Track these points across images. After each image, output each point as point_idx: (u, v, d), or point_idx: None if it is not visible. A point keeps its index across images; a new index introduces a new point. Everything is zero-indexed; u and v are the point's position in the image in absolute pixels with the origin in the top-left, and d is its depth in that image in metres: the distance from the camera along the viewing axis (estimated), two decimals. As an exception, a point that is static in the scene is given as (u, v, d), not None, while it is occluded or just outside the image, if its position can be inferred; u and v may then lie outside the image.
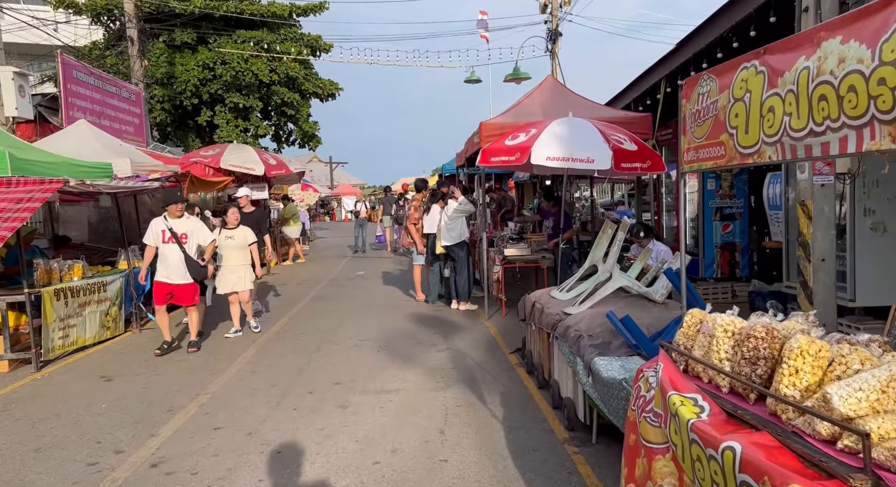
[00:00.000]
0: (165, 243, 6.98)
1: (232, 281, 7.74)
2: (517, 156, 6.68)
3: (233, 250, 7.72)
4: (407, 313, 8.95)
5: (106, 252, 10.28)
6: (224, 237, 7.71)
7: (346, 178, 57.70)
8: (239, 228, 7.81)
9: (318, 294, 11.07)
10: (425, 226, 9.60)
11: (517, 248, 8.51)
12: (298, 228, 16.81)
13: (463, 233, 9.01)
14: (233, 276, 7.74)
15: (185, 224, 7.09)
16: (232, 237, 7.74)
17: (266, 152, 13.18)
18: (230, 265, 7.72)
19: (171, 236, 6.97)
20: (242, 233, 7.79)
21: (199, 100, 21.37)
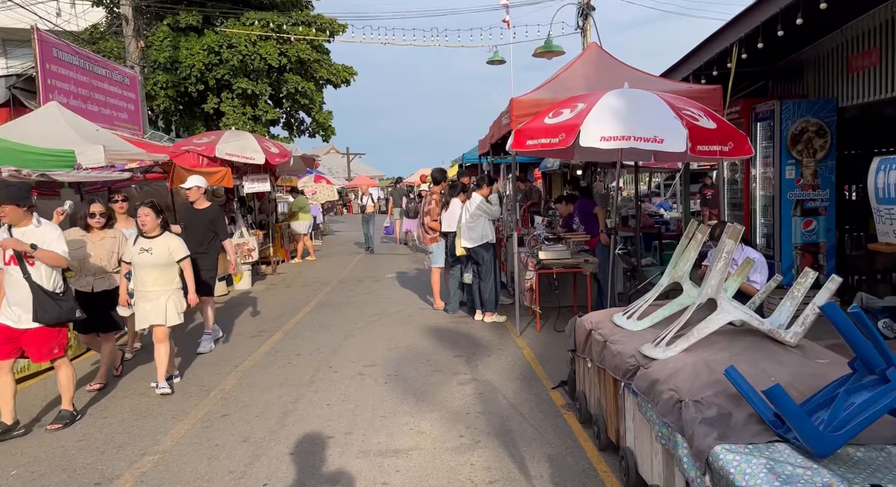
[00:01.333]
0: (7, 264, 4.49)
1: (145, 312, 5.32)
2: (560, 138, 5.24)
3: (149, 269, 5.29)
4: (423, 326, 7.58)
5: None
6: (138, 250, 5.33)
7: (364, 170, 56.48)
8: (161, 237, 5.38)
9: (323, 300, 9.74)
10: (443, 224, 8.21)
11: (554, 251, 7.08)
12: (308, 223, 15.50)
13: (487, 232, 7.60)
14: (146, 305, 5.30)
15: (35, 234, 4.45)
16: (149, 250, 5.30)
17: (267, 139, 11.89)
18: (144, 290, 5.31)
19: (12, 254, 4.45)
20: (165, 245, 5.35)
21: (206, 87, 20.18)
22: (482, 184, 7.70)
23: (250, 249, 11.30)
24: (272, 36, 19.79)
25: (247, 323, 8.17)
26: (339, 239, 22.81)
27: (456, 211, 8.03)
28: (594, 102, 5.26)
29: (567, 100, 5.75)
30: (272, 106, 22.29)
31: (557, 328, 7.05)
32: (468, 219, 7.60)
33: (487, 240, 7.60)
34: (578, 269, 7.11)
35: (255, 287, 11.48)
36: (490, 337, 6.98)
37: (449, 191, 8.18)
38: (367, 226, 16.89)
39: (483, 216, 7.51)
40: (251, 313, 8.82)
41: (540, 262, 6.97)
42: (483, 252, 7.60)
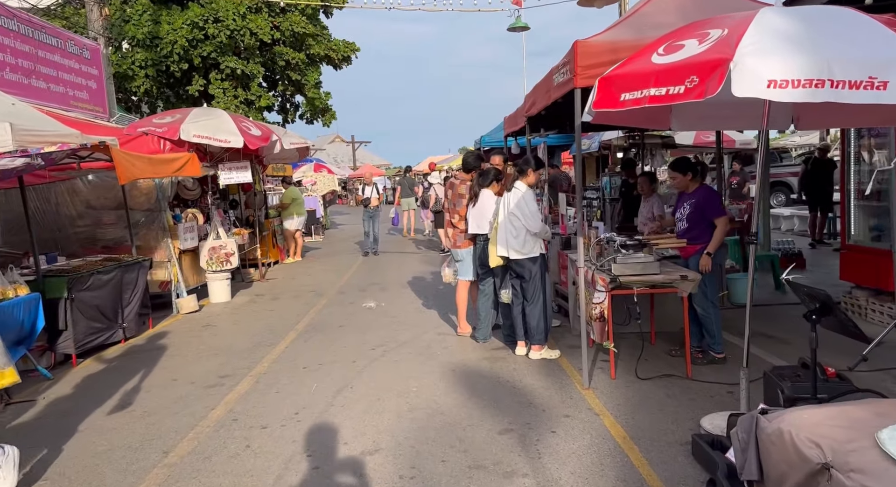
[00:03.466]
0: None
1: None
2: (690, 84, 3.08)
3: None
4: (447, 367, 5.48)
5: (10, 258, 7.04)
6: None
7: (370, 159, 54.34)
8: None
9: (314, 320, 7.65)
10: (470, 223, 6.10)
11: (635, 263, 4.93)
12: (300, 218, 13.41)
13: (533, 239, 5.49)
14: None
15: None
16: None
17: (245, 118, 9.78)
18: None
19: None
20: None
21: (190, 66, 18.05)
22: (527, 169, 5.55)
23: (228, 254, 9.23)
24: (262, 7, 17.62)
25: (207, 360, 6.10)
26: (341, 233, 20.72)
27: (488, 206, 5.91)
28: (745, 24, 3.09)
29: (686, 29, 3.57)
30: (266, 89, 20.16)
31: (641, 374, 4.94)
32: (508, 218, 5.47)
33: (536, 249, 5.47)
34: (672, 289, 4.97)
35: (236, 298, 9.42)
36: (545, 388, 4.87)
37: (478, 179, 6.04)
38: (371, 222, 13.95)
39: (535, 215, 5.38)
40: (218, 342, 6.75)
41: (615, 280, 4.84)
42: (530, 264, 5.48)
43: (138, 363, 6.05)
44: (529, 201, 5.41)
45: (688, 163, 5.49)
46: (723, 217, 5.22)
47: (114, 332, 6.72)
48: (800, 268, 9.14)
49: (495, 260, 5.64)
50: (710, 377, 4.87)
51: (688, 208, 5.32)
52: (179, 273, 8.59)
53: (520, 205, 5.41)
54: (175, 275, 8.59)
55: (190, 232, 8.98)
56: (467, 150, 6.99)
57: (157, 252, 8.58)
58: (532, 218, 5.37)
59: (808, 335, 3.10)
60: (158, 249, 8.58)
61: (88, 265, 6.81)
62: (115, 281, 6.79)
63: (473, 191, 6.02)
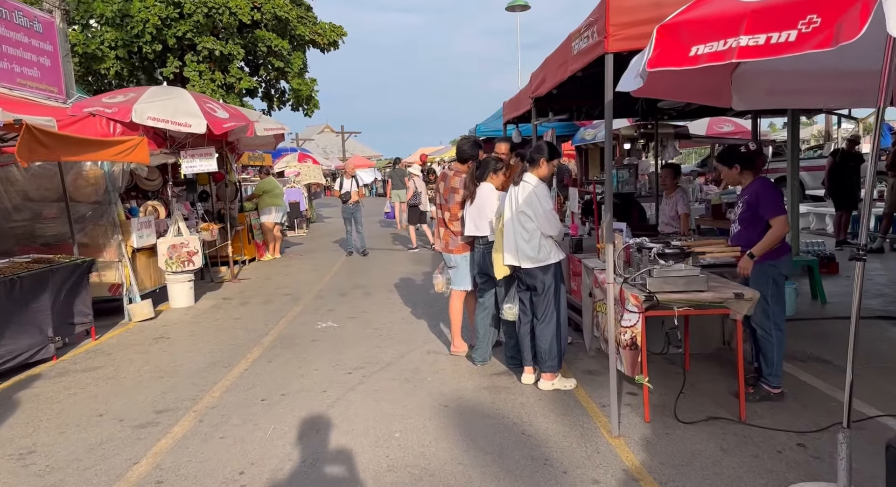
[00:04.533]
0: None
1: None
2: (810, 26, 2.05)
3: None
4: (438, 400, 4.46)
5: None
6: None
7: (360, 150, 53.10)
8: None
9: (284, 332, 6.60)
10: (468, 223, 5.06)
11: (676, 278, 3.90)
12: (278, 212, 12.32)
13: (549, 242, 4.45)
14: None
15: None
16: None
17: (212, 100, 8.67)
18: None
19: None
20: None
21: (164, 47, 16.84)
22: (539, 159, 4.51)
23: (191, 253, 8.14)
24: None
25: (148, 385, 5.03)
26: (327, 227, 19.62)
27: (489, 203, 4.88)
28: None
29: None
30: (247, 73, 18.96)
31: (682, 416, 3.94)
32: (517, 217, 4.44)
33: (552, 256, 4.44)
34: (723, 310, 3.96)
35: (200, 302, 8.36)
36: (563, 434, 3.85)
37: (477, 170, 5.00)
38: (352, 221, 12.05)
39: (548, 214, 4.35)
40: (167, 361, 5.69)
41: (651, 298, 3.82)
42: (543, 274, 4.45)
43: (62, 389, 4.98)
44: (543, 197, 4.37)
45: (735, 154, 4.46)
46: (780, 217, 4.19)
47: (41, 349, 5.64)
48: (832, 273, 8.19)
49: (502, 271, 4.60)
50: (768, 421, 3.87)
51: (741, 206, 4.30)
52: (132, 274, 7.51)
53: (531, 202, 4.38)
54: (127, 277, 7.50)
55: (146, 227, 7.88)
56: (463, 137, 5.84)
57: (106, 250, 7.49)
58: (547, 218, 4.34)
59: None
60: (108, 247, 7.48)
61: (12, 267, 5.72)
62: (44, 287, 5.71)
63: (470, 185, 4.97)
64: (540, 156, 4.51)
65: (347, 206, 12.15)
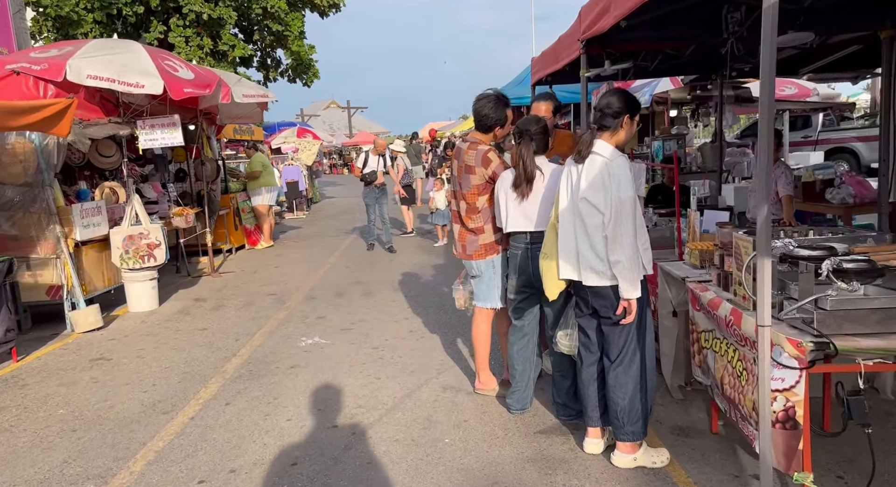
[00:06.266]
0: None
1: None
2: None
3: None
4: (458, 484, 2.96)
5: None
6: None
7: (367, 126, 51.34)
8: None
9: (256, 354, 5.10)
10: (511, 214, 3.50)
11: (867, 312, 2.34)
12: (272, 192, 10.80)
13: (627, 240, 2.87)
14: None
15: None
16: None
17: (175, 56, 7.08)
18: None
19: None
20: None
21: (147, 9, 15.20)
22: (621, 116, 2.92)
23: (152, 245, 6.66)
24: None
25: (44, 452, 3.56)
26: (331, 208, 18.12)
27: (542, 186, 3.33)
28: None
29: None
30: (241, 39, 17.28)
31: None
32: (578, 212, 2.88)
33: (639, 269, 2.88)
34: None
35: (167, 304, 6.91)
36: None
37: (519, 140, 3.42)
38: (376, 206, 9.80)
39: (632, 208, 2.78)
40: (92, 400, 4.21)
41: (825, 345, 2.26)
42: (614, 295, 2.89)
43: (-72, 453, 3.53)
44: (622, 178, 2.79)
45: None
46: None
47: (-78, 385, 4.20)
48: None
49: (555, 287, 3.06)
50: None
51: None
52: (74, 274, 6.03)
53: (601, 185, 2.81)
54: (68, 278, 6.03)
55: (94, 214, 6.38)
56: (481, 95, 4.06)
57: (40, 244, 6.01)
58: (625, 213, 2.77)
59: None
60: (43, 240, 6.00)
61: None
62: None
63: (526, 161, 3.38)
64: (622, 112, 2.92)
65: (371, 189, 9.78)
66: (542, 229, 3.33)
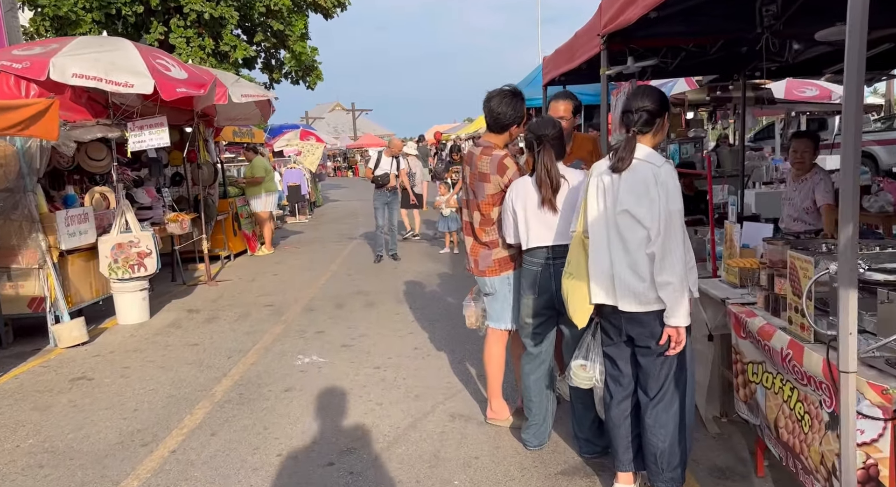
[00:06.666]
0: None
1: None
2: None
3: None
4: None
5: None
6: None
7: (372, 128, 51.06)
8: None
9: (249, 374, 4.72)
10: (532, 227, 3.11)
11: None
12: (272, 198, 10.45)
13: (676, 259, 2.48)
14: None
15: None
16: None
17: (166, 54, 6.73)
18: None
19: None
20: None
21: (147, 9, 14.89)
22: (662, 113, 2.54)
23: (142, 254, 6.30)
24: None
25: None
26: (334, 212, 17.78)
27: (567, 194, 2.96)
28: None
29: None
30: (244, 40, 16.96)
31: None
32: (613, 222, 2.49)
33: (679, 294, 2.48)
34: None
35: (158, 316, 6.55)
36: None
37: (538, 147, 3.03)
38: (386, 210, 9.19)
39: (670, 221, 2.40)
40: (68, 425, 3.83)
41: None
42: (656, 323, 2.50)
43: None
44: (672, 185, 2.41)
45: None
46: None
47: None
48: None
49: (584, 312, 2.66)
50: None
51: None
52: (58, 285, 5.67)
53: (644, 195, 2.43)
54: (51, 289, 5.67)
55: (80, 221, 6.03)
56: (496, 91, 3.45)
57: (21, 253, 5.65)
58: (675, 227, 2.39)
59: None
60: (24, 249, 5.65)
61: None
62: None
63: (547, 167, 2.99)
64: (663, 109, 2.55)
65: (383, 192, 9.13)
66: (564, 242, 2.96)
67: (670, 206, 2.38)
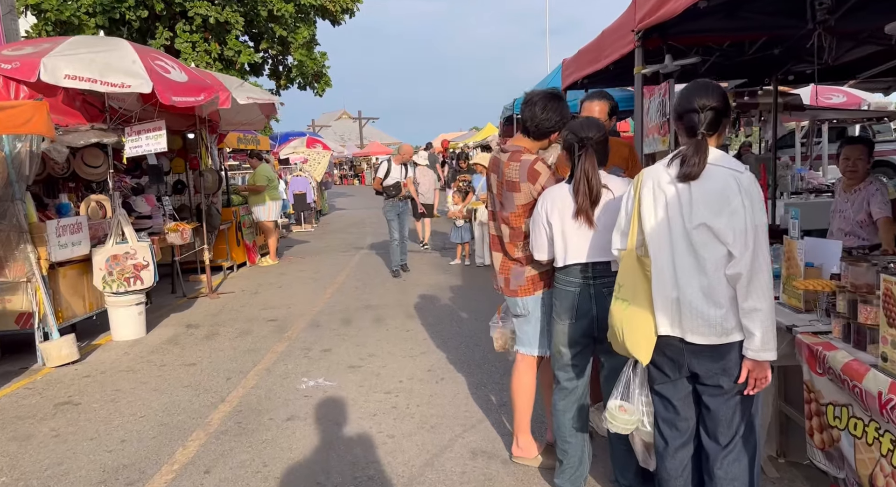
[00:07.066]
0: None
1: None
2: None
3: None
4: None
5: None
6: None
7: (378, 136, 50.85)
8: None
9: (249, 398, 4.34)
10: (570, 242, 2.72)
11: None
12: (275, 206, 10.10)
13: (764, 291, 2.08)
14: None
15: None
16: None
17: (166, 55, 6.40)
18: None
19: None
20: None
21: (152, 13, 14.65)
22: (728, 119, 2.16)
23: (139, 266, 5.95)
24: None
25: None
26: (340, 220, 17.44)
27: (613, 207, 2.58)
28: None
29: None
30: (251, 46, 16.69)
31: None
32: (688, 238, 2.10)
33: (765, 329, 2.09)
34: None
35: (155, 332, 6.20)
36: None
37: (579, 151, 2.65)
38: (398, 222, 8.52)
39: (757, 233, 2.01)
40: (44, 461, 3.44)
41: None
42: (736, 356, 2.11)
43: None
44: (757, 195, 2.04)
45: None
46: None
47: None
48: None
49: (647, 344, 2.25)
50: None
51: None
52: (47, 299, 5.31)
53: (731, 206, 2.04)
54: (40, 304, 5.31)
55: (73, 232, 5.69)
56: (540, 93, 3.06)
57: (9, 265, 5.30)
58: (762, 244, 2.01)
59: None
60: (12, 261, 5.30)
61: None
62: None
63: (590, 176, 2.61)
64: (728, 107, 2.18)
65: (394, 203, 8.50)
66: (605, 258, 2.59)
67: (756, 219, 2.01)
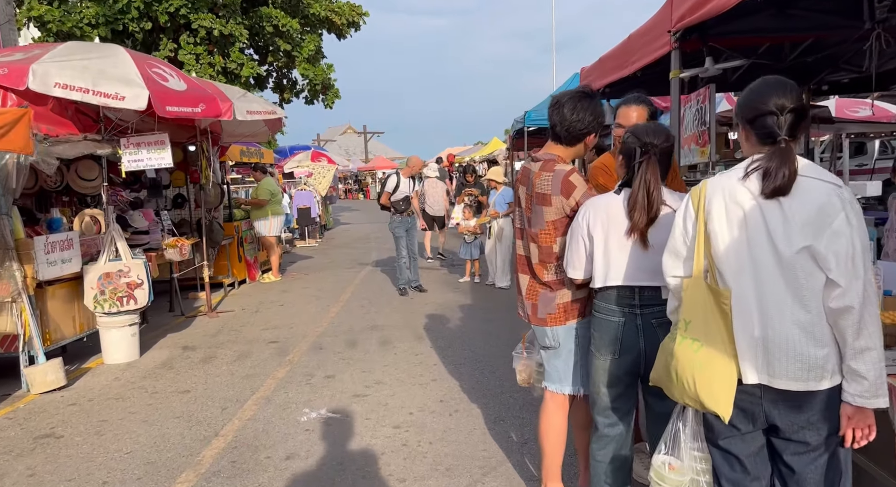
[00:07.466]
0: None
1: None
2: None
3: None
4: None
5: None
6: None
7: (383, 151, 50.74)
8: None
9: (237, 439, 3.95)
10: (603, 262, 2.37)
11: None
12: (277, 221, 9.77)
13: (868, 328, 1.72)
14: None
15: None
16: None
17: (164, 63, 6.11)
18: None
19: None
20: None
21: (155, 25, 14.46)
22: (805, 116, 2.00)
23: (132, 285, 5.60)
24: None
25: None
26: (345, 235, 17.11)
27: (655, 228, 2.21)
28: None
29: None
30: (256, 59, 16.49)
31: None
32: (787, 264, 1.73)
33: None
34: None
35: (149, 354, 5.84)
36: None
37: (641, 158, 2.29)
38: (407, 238, 8.15)
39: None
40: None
41: None
42: (824, 409, 1.74)
43: None
44: (860, 213, 1.69)
45: None
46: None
47: None
48: None
49: (727, 396, 1.86)
50: None
51: None
52: (33, 321, 4.97)
53: (832, 226, 1.68)
54: (26, 325, 4.97)
55: (64, 248, 5.36)
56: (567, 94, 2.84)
57: (-7, 285, 4.97)
58: (870, 268, 1.66)
59: None
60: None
61: None
62: None
63: (645, 190, 2.25)
64: (807, 108, 1.85)
65: (402, 219, 8.06)
66: (656, 283, 2.23)
67: (863, 240, 1.65)
